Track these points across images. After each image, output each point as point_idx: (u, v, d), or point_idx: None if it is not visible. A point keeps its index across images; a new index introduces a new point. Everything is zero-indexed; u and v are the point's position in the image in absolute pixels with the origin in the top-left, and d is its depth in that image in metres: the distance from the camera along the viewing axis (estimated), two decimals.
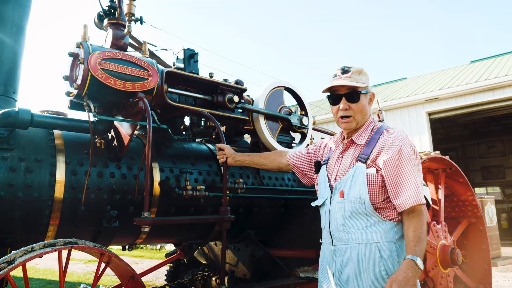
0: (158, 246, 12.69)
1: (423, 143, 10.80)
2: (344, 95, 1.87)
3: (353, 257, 1.72)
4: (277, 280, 2.73)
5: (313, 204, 1.98)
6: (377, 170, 1.74)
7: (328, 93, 1.94)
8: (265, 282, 2.67)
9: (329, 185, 1.89)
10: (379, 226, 1.72)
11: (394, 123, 11.18)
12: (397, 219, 1.75)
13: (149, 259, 10.79)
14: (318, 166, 2.06)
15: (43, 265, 8.94)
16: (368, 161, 1.77)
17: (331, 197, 1.85)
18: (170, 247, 11.89)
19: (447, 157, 3.62)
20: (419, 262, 1.57)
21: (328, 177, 1.93)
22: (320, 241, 1.95)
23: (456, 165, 3.65)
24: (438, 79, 13.45)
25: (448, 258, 3.21)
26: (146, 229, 2.09)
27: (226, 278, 3.15)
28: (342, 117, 1.90)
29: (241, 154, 2.51)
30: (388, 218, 1.73)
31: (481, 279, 3.72)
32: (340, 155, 1.93)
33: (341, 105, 1.88)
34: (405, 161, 1.73)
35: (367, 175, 1.74)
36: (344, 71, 1.88)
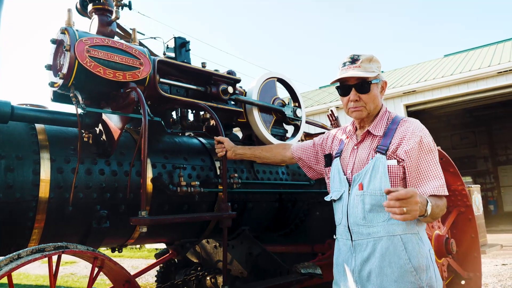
0: (138, 245, 12.38)
1: None
2: (354, 86, 1.79)
3: (376, 252, 1.64)
4: (279, 278, 2.64)
5: (328, 198, 1.88)
6: (398, 162, 1.67)
7: (337, 84, 1.85)
8: (267, 281, 2.57)
9: (346, 178, 1.80)
10: None
11: None
12: None
13: (129, 259, 10.52)
14: (329, 159, 1.97)
15: None
16: (388, 152, 1.70)
17: (349, 190, 1.76)
18: (149, 245, 11.61)
19: (439, 147, 3.62)
20: (429, 205, 1.51)
21: (343, 169, 1.84)
22: (334, 237, 1.86)
23: (447, 155, 3.67)
24: (414, 72, 13.72)
25: (443, 248, 3.22)
26: (144, 229, 1.93)
27: (221, 277, 3.04)
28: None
29: (242, 147, 2.38)
30: None
31: (472, 268, 3.77)
32: (355, 147, 1.85)
33: (351, 96, 1.80)
34: (428, 151, 1.69)
35: (388, 167, 1.66)
36: (354, 60, 1.79)
